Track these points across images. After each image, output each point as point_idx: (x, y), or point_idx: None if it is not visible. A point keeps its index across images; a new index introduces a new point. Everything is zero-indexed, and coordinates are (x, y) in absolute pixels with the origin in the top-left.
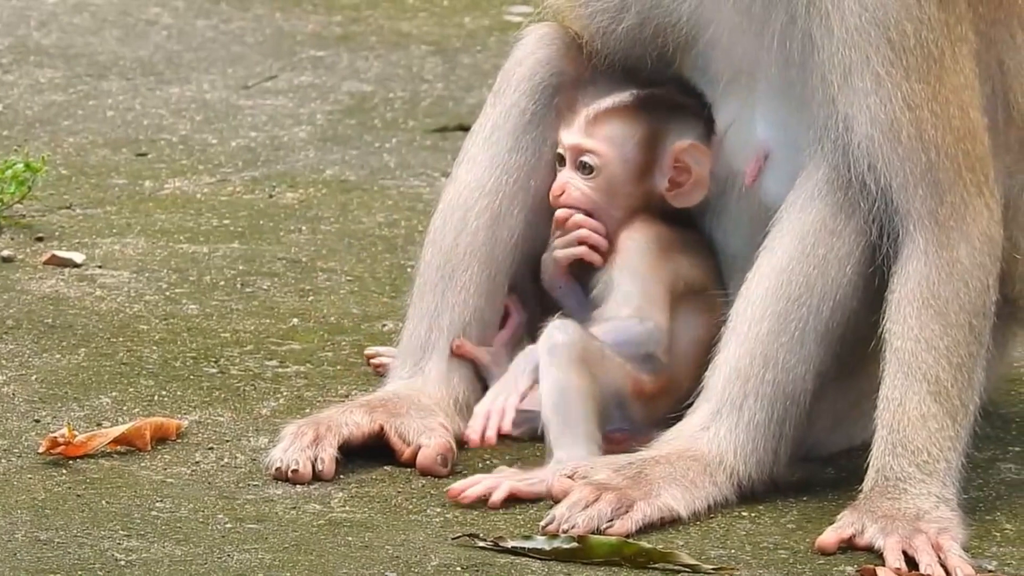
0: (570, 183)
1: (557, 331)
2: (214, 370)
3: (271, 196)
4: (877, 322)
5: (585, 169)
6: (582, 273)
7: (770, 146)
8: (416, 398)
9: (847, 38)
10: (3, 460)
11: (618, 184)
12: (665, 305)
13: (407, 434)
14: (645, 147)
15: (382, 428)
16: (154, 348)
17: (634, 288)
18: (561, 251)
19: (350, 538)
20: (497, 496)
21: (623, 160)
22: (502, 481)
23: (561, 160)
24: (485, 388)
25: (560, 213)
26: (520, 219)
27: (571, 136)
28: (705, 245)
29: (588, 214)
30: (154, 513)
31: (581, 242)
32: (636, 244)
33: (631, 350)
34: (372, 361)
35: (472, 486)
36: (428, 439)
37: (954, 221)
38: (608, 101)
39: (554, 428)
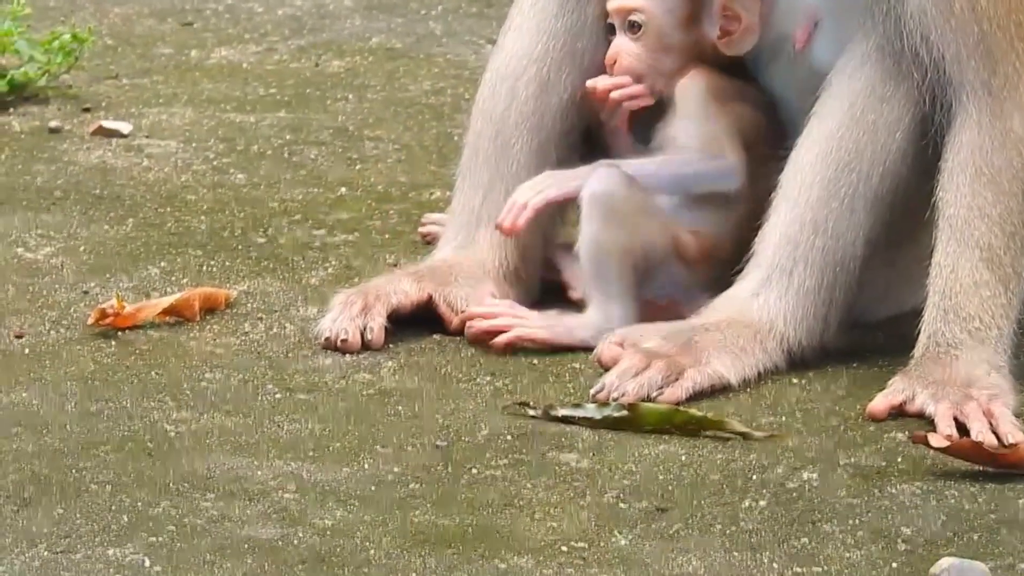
0: (621, 49)
1: (597, 180)
2: (263, 240)
3: (317, 65)
4: (929, 192)
5: (634, 28)
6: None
7: (820, 12)
8: (465, 266)
9: None
10: (52, 332)
11: (666, 36)
12: (736, 143)
13: (456, 303)
14: None
15: (431, 297)
16: (202, 218)
17: (697, 130)
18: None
19: (400, 407)
20: (501, 340)
21: (668, 11)
22: (516, 327)
23: (612, 29)
24: (536, 259)
25: (599, 91)
26: (568, 84)
27: (615, 0)
28: (762, 99)
29: (639, 79)
30: (203, 384)
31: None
32: (693, 91)
33: (702, 184)
34: (421, 230)
35: (483, 319)
36: (477, 308)
37: (1007, 91)
38: None
39: (589, 283)
